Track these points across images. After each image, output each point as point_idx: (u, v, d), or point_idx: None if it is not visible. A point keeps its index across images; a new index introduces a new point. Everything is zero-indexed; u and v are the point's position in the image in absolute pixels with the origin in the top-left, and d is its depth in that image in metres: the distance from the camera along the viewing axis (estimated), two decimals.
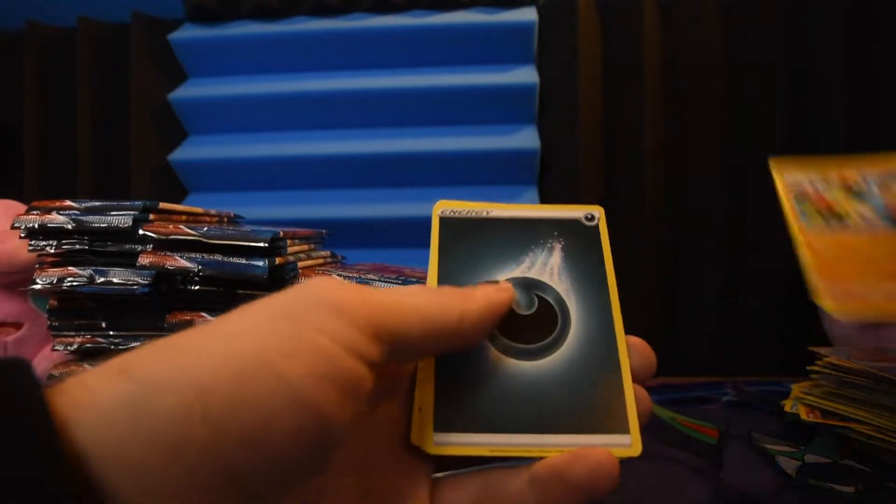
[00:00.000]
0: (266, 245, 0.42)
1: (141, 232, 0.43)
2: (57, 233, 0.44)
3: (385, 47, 0.75)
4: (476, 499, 0.18)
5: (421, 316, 0.16)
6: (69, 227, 0.44)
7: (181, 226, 0.43)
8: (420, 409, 0.18)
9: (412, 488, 0.18)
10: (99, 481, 0.12)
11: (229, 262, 0.42)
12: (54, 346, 0.46)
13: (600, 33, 0.76)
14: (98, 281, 0.43)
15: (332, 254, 0.59)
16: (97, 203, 0.44)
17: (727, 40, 0.73)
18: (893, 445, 0.39)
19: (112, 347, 0.45)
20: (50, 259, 0.45)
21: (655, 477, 0.38)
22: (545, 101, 0.75)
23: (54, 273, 0.44)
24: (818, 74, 0.72)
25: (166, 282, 0.44)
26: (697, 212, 0.73)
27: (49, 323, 0.46)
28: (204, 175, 0.78)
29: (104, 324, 0.46)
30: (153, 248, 0.43)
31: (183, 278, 0.44)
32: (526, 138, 0.74)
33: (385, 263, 0.62)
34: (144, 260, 0.42)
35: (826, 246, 0.23)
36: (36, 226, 0.44)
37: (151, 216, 0.45)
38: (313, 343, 0.14)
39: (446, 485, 0.18)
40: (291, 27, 0.75)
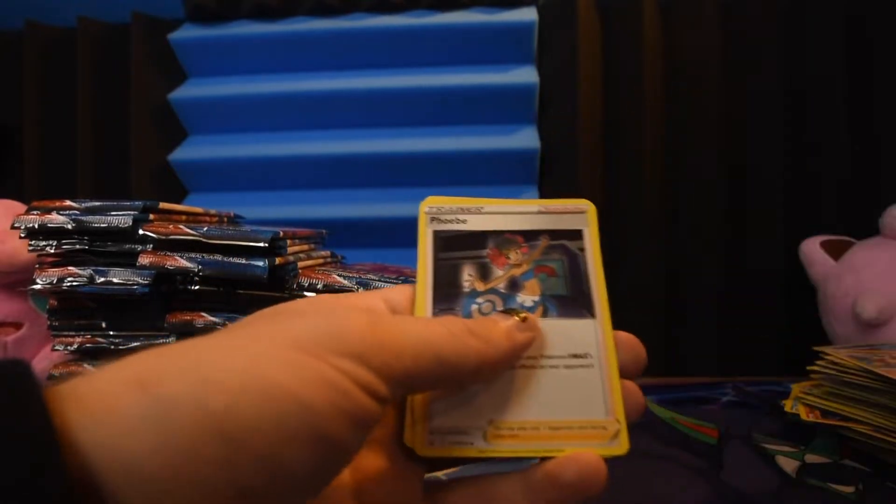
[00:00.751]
0: (266, 245, 0.42)
1: (141, 232, 0.43)
2: (57, 233, 0.44)
3: (385, 47, 0.75)
4: (470, 502, 0.18)
5: (438, 362, 0.17)
6: (69, 227, 0.44)
7: (181, 226, 0.43)
8: (412, 412, 0.18)
9: (405, 489, 0.18)
10: (103, 488, 0.12)
11: (229, 262, 0.42)
12: (54, 346, 0.46)
13: (600, 33, 0.76)
14: (98, 281, 0.43)
15: (332, 254, 0.59)
16: (97, 203, 0.44)
17: (727, 40, 0.73)
18: (893, 445, 0.39)
19: (112, 347, 0.45)
20: (50, 259, 0.45)
21: (655, 477, 0.38)
22: (545, 101, 0.75)
23: (54, 273, 0.44)
24: (818, 74, 0.72)
25: (166, 282, 0.44)
26: (697, 211, 0.73)
27: (49, 323, 0.46)
28: (204, 175, 0.78)
29: (104, 324, 0.46)
30: (153, 248, 0.43)
31: (183, 278, 0.44)
32: (526, 138, 0.74)
33: (385, 263, 0.62)
34: (144, 260, 0.42)
35: None
36: (36, 226, 0.44)
37: (151, 216, 0.45)
38: (333, 379, 0.14)
39: (440, 487, 0.19)
40: (291, 27, 0.75)
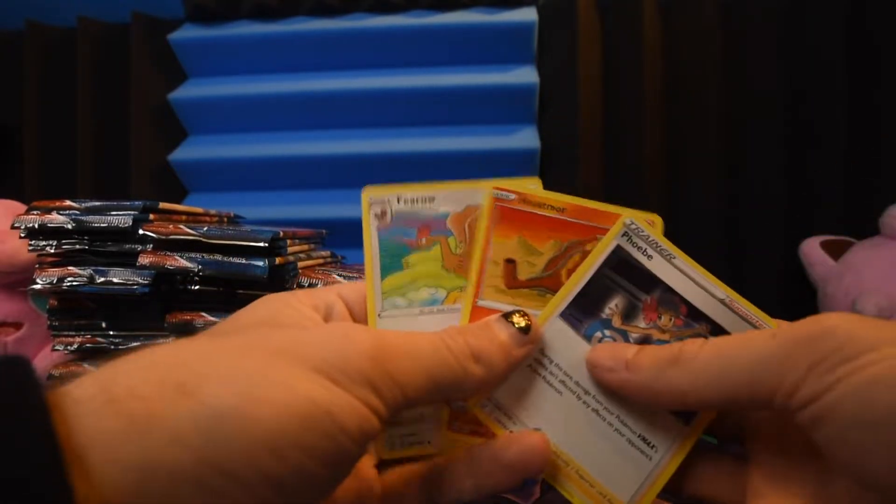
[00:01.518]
0: (266, 245, 0.42)
1: (141, 232, 0.43)
2: (57, 233, 0.44)
3: (385, 47, 0.75)
4: (422, 482, 0.19)
5: (438, 390, 0.17)
6: (69, 227, 0.44)
7: (181, 226, 0.43)
8: None
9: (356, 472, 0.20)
10: (113, 489, 0.12)
11: (229, 262, 0.42)
12: (54, 346, 0.46)
13: (600, 33, 0.76)
14: (98, 281, 0.43)
15: (332, 254, 0.59)
16: (97, 203, 0.44)
17: (727, 40, 0.73)
18: None
19: (112, 347, 0.45)
20: (50, 259, 0.45)
21: None
22: (545, 101, 0.75)
23: (54, 273, 0.44)
24: (818, 74, 0.72)
25: (166, 282, 0.44)
26: (697, 211, 0.73)
27: (49, 323, 0.46)
28: (204, 175, 0.78)
29: (104, 324, 0.46)
30: (153, 248, 0.43)
31: (183, 278, 0.44)
32: (526, 138, 0.74)
33: None
34: (144, 260, 0.42)
35: None
36: (36, 226, 0.44)
37: (151, 216, 0.45)
38: (355, 404, 0.16)
39: (393, 472, 0.20)
40: (291, 27, 0.75)
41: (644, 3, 0.73)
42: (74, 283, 0.43)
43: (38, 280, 0.44)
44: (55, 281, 0.44)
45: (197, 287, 0.43)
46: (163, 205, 0.46)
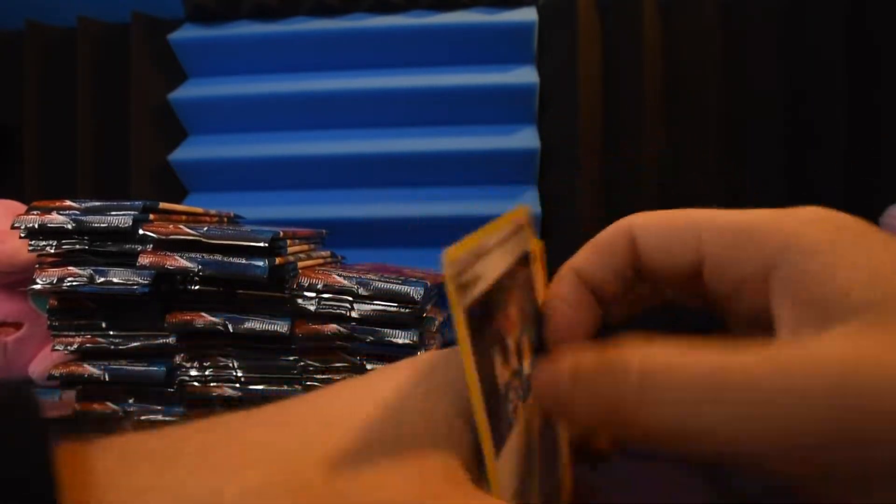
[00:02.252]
0: (266, 245, 0.42)
1: (141, 232, 0.43)
2: (57, 233, 0.44)
3: (385, 47, 0.75)
4: None
5: None
6: (69, 227, 0.44)
7: (181, 226, 0.43)
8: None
9: None
10: None
11: (229, 262, 0.42)
12: (54, 346, 0.46)
13: (600, 33, 0.76)
14: (98, 281, 0.43)
15: (332, 254, 0.59)
16: (97, 203, 0.44)
17: (727, 40, 0.73)
18: None
19: (112, 347, 0.45)
20: (50, 259, 0.45)
21: (655, 477, 0.38)
22: (545, 101, 0.75)
23: (54, 273, 0.44)
24: (818, 74, 0.72)
25: (166, 282, 0.44)
26: None
27: (49, 323, 0.46)
28: (204, 175, 0.78)
29: (104, 324, 0.46)
30: (153, 248, 0.43)
31: (183, 278, 0.44)
32: (526, 138, 0.74)
33: (385, 263, 0.62)
34: (144, 260, 0.42)
35: None
36: (36, 226, 0.44)
37: (151, 216, 0.45)
38: None
39: None
40: (291, 27, 0.75)
41: (644, 3, 0.73)
42: (74, 283, 0.43)
43: (38, 280, 0.44)
44: (55, 281, 0.44)
45: (197, 287, 0.43)
46: (163, 205, 0.46)
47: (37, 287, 0.44)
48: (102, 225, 0.43)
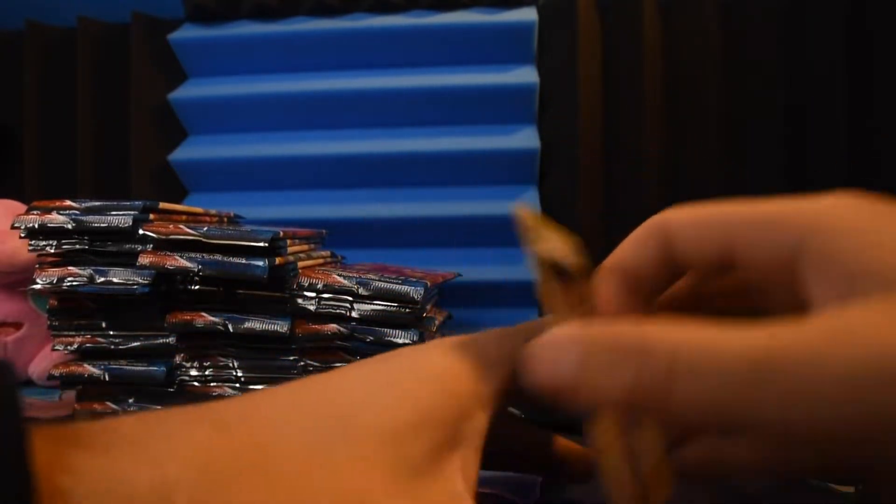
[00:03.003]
0: (266, 245, 0.42)
1: (141, 232, 0.43)
2: (57, 233, 0.44)
3: (385, 47, 0.75)
4: None
5: None
6: (69, 227, 0.44)
7: (181, 226, 0.43)
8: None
9: None
10: None
11: (229, 262, 0.42)
12: (54, 346, 0.46)
13: (600, 33, 0.76)
14: (98, 281, 0.43)
15: (332, 254, 0.59)
16: (97, 203, 0.44)
17: (727, 40, 0.73)
18: None
19: (112, 347, 0.45)
20: (50, 259, 0.45)
21: None
22: (545, 101, 0.75)
23: (54, 273, 0.44)
24: (818, 75, 0.72)
25: (166, 282, 0.44)
26: None
27: (49, 323, 0.46)
28: (204, 175, 0.78)
29: (104, 324, 0.46)
30: (153, 248, 0.43)
31: (183, 278, 0.44)
32: (526, 138, 0.74)
33: (385, 263, 0.62)
34: (144, 260, 0.42)
35: None
36: (36, 226, 0.44)
37: (151, 216, 0.45)
38: None
39: None
40: (291, 27, 0.75)
41: (644, 3, 0.73)
42: (74, 283, 0.43)
43: (38, 280, 0.44)
44: (55, 281, 0.44)
45: (197, 287, 0.43)
46: (163, 205, 0.46)
47: (37, 287, 0.44)
48: (102, 225, 0.43)
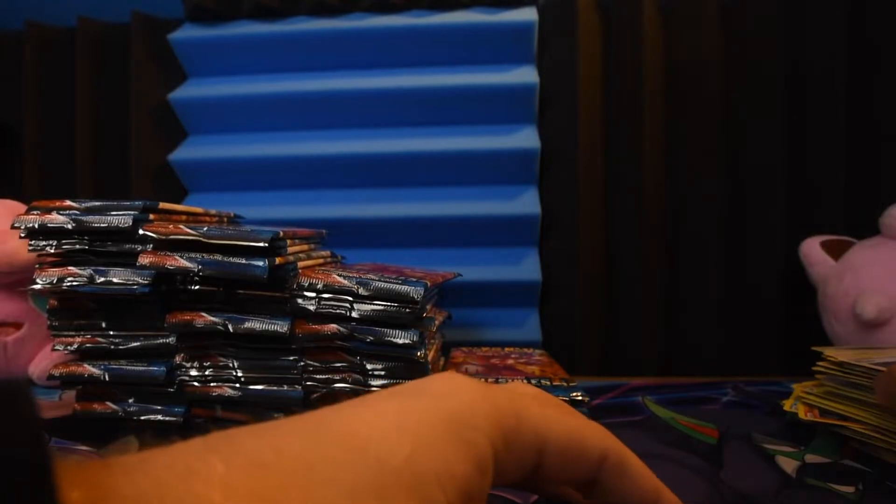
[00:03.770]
0: (266, 245, 0.42)
1: (141, 232, 0.43)
2: (57, 233, 0.44)
3: (385, 47, 0.75)
4: None
5: None
6: (69, 227, 0.44)
7: (181, 226, 0.43)
8: None
9: None
10: None
11: (229, 262, 0.42)
12: (54, 346, 0.46)
13: (600, 33, 0.76)
14: (98, 281, 0.43)
15: (332, 254, 0.59)
16: (97, 203, 0.44)
17: (727, 40, 0.73)
18: (893, 446, 0.39)
19: (112, 347, 0.45)
20: (50, 259, 0.45)
21: (658, 476, 0.38)
22: (545, 101, 0.75)
23: (54, 273, 0.44)
24: (818, 75, 0.72)
25: (166, 282, 0.44)
26: (698, 211, 0.73)
27: (49, 323, 0.46)
28: (204, 175, 0.78)
29: (104, 324, 0.46)
30: (153, 248, 0.43)
31: (183, 278, 0.44)
32: (526, 138, 0.74)
33: (385, 263, 0.62)
34: (144, 260, 0.42)
35: None
36: (36, 226, 0.44)
37: (151, 216, 0.45)
38: None
39: None
40: (291, 27, 0.75)
41: (644, 3, 0.73)
42: (74, 283, 0.43)
43: (38, 280, 0.44)
44: (55, 281, 0.44)
45: (197, 287, 0.43)
46: (163, 205, 0.46)
47: (37, 287, 0.44)
48: (102, 225, 0.43)
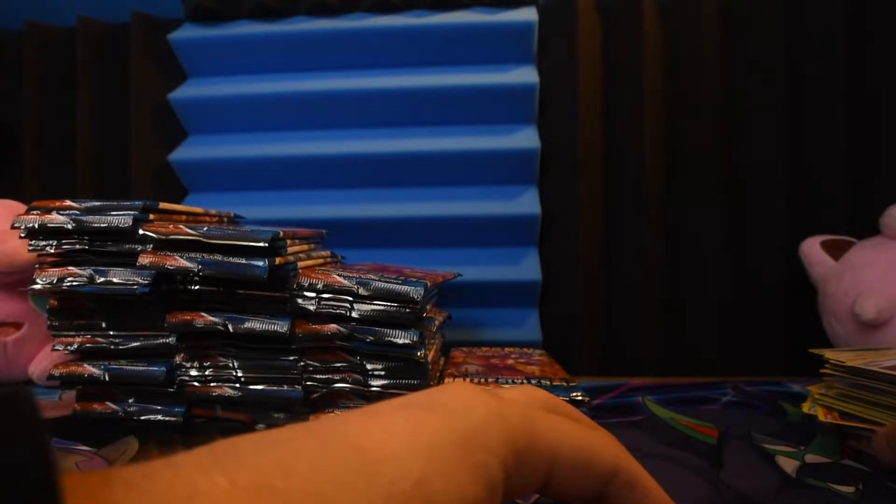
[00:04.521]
0: (266, 245, 0.42)
1: (141, 232, 0.43)
2: (57, 233, 0.44)
3: (385, 47, 0.75)
4: None
5: None
6: (69, 227, 0.44)
7: (181, 226, 0.43)
8: None
9: None
10: None
11: (229, 262, 0.42)
12: (54, 346, 0.46)
13: (600, 33, 0.76)
14: (98, 281, 0.43)
15: (332, 254, 0.59)
16: (97, 203, 0.44)
17: (727, 40, 0.73)
18: None
19: (112, 347, 0.45)
20: (50, 259, 0.45)
21: (655, 477, 0.38)
22: (545, 101, 0.75)
23: (54, 273, 0.44)
24: (818, 75, 0.72)
25: (166, 282, 0.44)
26: (697, 211, 0.73)
27: (49, 323, 0.46)
28: (204, 175, 0.78)
29: (104, 324, 0.46)
30: (153, 248, 0.43)
31: (183, 278, 0.44)
32: (526, 138, 0.74)
33: (385, 263, 0.62)
34: (144, 260, 0.42)
35: None
36: (36, 226, 0.44)
37: (151, 216, 0.45)
38: None
39: None
40: (291, 27, 0.75)
41: (644, 3, 0.73)
42: (74, 283, 0.43)
43: (38, 280, 0.44)
44: (55, 281, 0.44)
45: (197, 287, 0.43)
46: (163, 205, 0.46)
47: (37, 287, 0.44)
48: (102, 225, 0.43)
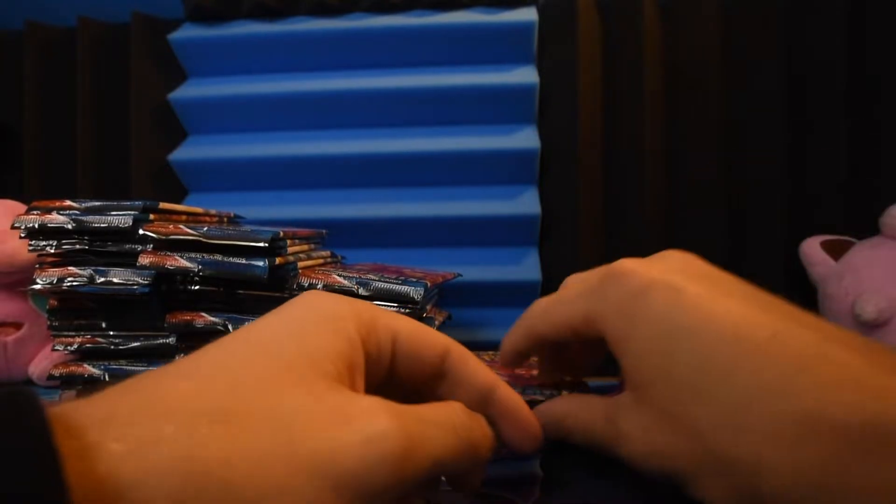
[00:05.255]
0: (266, 245, 0.42)
1: (141, 232, 0.43)
2: (57, 233, 0.44)
3: (385, 47, 0.75)
4: None
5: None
6: (69, 227, 0.44)
7: (181, 226, 0.43)
8: None
9: None
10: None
11: (229, 262, 0.42)
12: (54, 346, 0.46)
13: (600, 33, 0.76)
14: (98, 281, 0.43)
15: (332, 254, 0.59)
16: (97, 203, 0.44)
17: (727, 40, 0.73)
18: None
19: (112, 347, 0.45)
20: (50, 259, 0.45)
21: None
22: (545, 101, 0.75)
23: (54, 273, 0.44)
24: (818, 74, 0.72)
25: (166, 282, 0.44)
26: (696, 211, 0.73)
27: (49, 323, 0.46)
28: (204, 175, 0.78)
29: (104, 324, 0.46)
30: (153, 248, 0.43)
31: (183, 278, 0.44)
32: (526, 138, 0.74)
33: (385, 263, 0.62)
34: (144, 260, 0.42)
35: None
36: (36, 226, 0.44)
37: (151, 216, 0.45)
38: None
39: None
40: (291, 27, 0.75)
41: (644, 3, 0.73)
42: (74, 283, 0.43)
43: (38, 280, 0.44)
44: (55, 281, 0.44)
45: (197, 287, 0.43)
46: (163, 205, 0.46)
47: (37, 287, 0.44)
48: (102, 225, 0.43)
